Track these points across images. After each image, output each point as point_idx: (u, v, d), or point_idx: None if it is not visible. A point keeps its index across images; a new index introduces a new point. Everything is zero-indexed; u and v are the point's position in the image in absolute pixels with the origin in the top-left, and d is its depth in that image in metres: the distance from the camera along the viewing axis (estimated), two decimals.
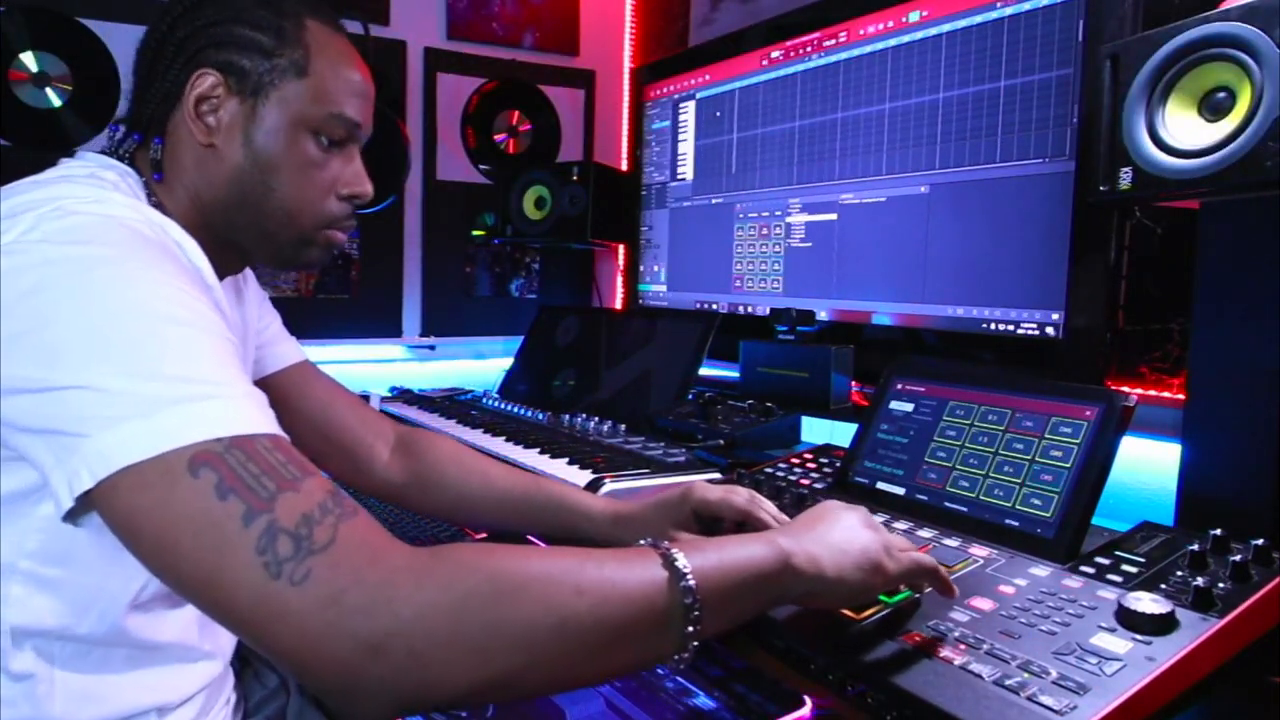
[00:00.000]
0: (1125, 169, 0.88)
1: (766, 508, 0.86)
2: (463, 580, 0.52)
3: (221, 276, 0.84)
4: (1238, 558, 0.71)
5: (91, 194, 0.66)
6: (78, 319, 0.56)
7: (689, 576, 0.57)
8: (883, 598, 0.71)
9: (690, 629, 0.57)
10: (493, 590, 0.52)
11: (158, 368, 0.55)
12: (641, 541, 0.61)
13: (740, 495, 0.87)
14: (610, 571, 0.56)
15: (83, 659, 0.68)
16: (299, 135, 0.79)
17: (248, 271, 0.98)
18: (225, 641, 0.82)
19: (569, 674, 0.55)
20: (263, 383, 1.01)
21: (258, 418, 0.57)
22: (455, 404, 1.79)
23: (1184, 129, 0.85)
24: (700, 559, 0.59)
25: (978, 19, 1.34)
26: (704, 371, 1.60)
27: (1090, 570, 0.76)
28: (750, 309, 1.79)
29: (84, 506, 0.55)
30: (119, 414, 0.53)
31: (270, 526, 0.50)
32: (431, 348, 2.35)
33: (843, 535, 0.68)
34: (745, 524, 0.86)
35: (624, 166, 2.27)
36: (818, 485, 1.06)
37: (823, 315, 1.58)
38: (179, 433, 0.53)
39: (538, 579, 0.53)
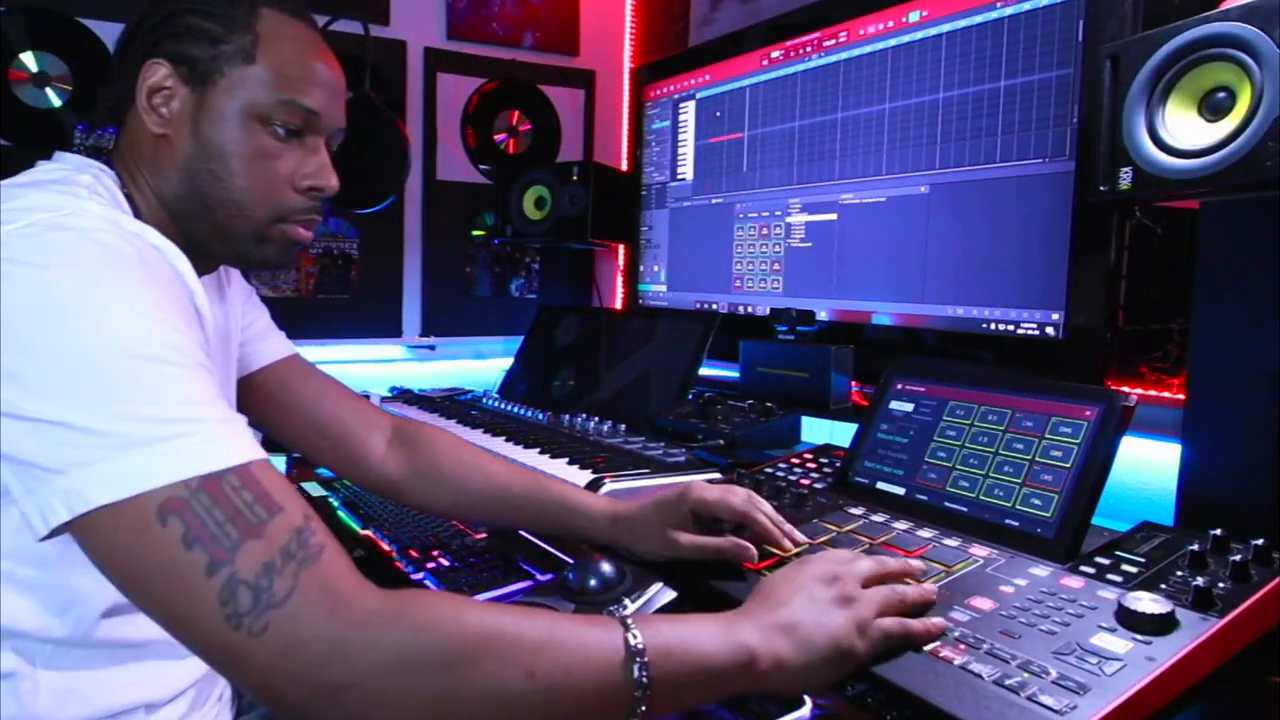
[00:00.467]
0: (1125, 169, 0.88)
1: (764, 508, 0.86)
2: (417, 645, 0.54)
3: (201, 273, 0.83)
4: (1238, 558, 0.71)
5: (66, 205, 0.64)
6: (52, 352, 0.56)
7: (646, 670, 0.58)
8: None
9: (634, 718, 0.58)
10: (445, 661, 0.54)
11: (131, 408, 0.55)
12: (611, 609, 0.63)
13: (738, 495, 0.86)
14: (567, 655, 0.57)
15: (64, 657, 0.68)
16: (249, 124, 0.77)
17: (232, 270, 0.97)
18: None
19: None
20: (250, 379, 1.00)
21: (227, 450, 0.57)
22: (455, 404, 1.79)
23: (1184, 129, 0.85)
24: (663, 647, 0.59)
25: (978, 19, 1.34)
26: (704, 371, 1.60)
27: (1090, 570, 0.75)
28: (750, 309, 1.79)
29: (57, 530, 0.56)
30: (94, 454, 0.54)
31: (231, 579, 0.53)
32: (431, 348, 2.35)
33: (814, 624, 0.65)
34: (743, 525, 0.86)
35: (624, 166, 2.27)
36: (818, 485, 1.06)
37: (823, 315, 1.58)
38: (150, 475, 0.54)
39: (492, 655, 0.55)
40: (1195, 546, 0.74)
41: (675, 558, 0.87)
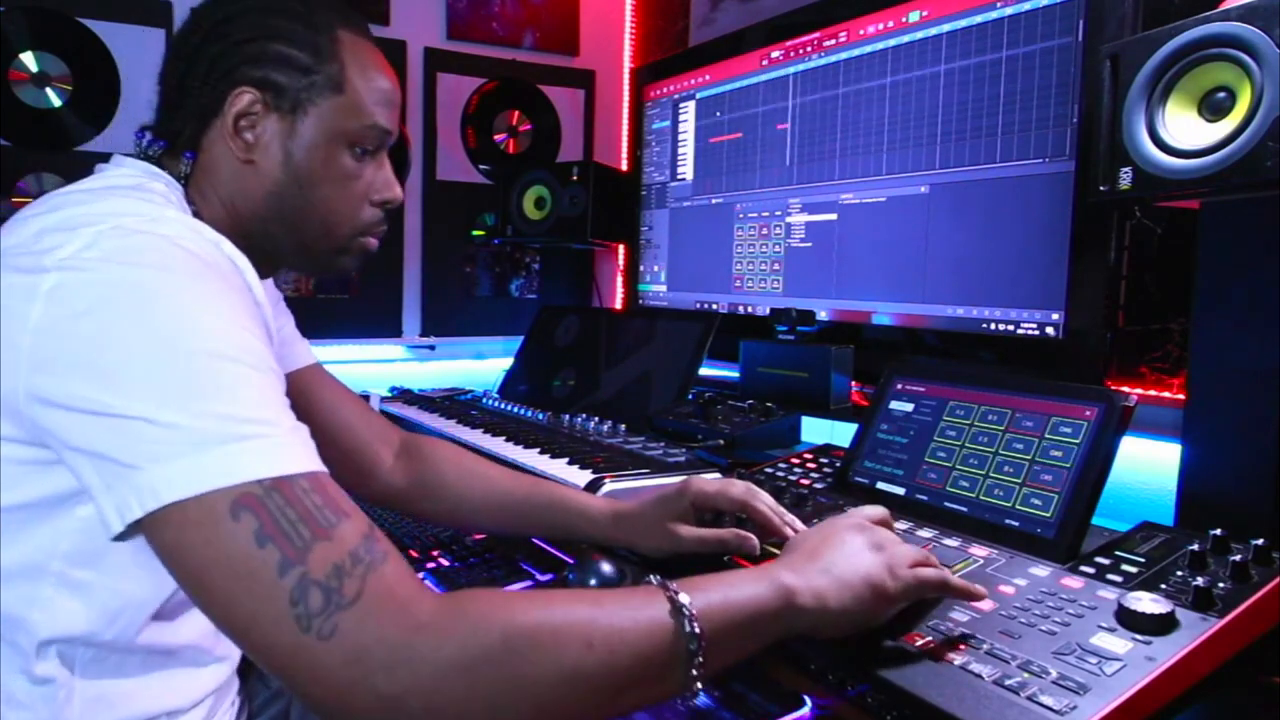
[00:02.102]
0: (1125, 169, 0.88)
1: (764, 499, 0.87)
2: (478, 640, 0.54)
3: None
4: (1238, 558, 0.71)
5: (147, 211, 0.65)
6: (137, 348, 0.57)
7: (695, 621, 0.59)
8: None
9: (695, 671, 0.59)
10: (505, 649, 0.54)
11: (210, 406, 0.56)
12: (650, 579, 0.63)
13: (737, 487, 0.88)
14: (619, 620, 0.58)
15: (100, 664, 0.68)
16: (336, 149, 0.80)
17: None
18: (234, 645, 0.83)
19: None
20: None
21: (300, 456, 0.58)
22: (455, 404, 1.79)
23: (1184, 129, 0.85)
24: (704, 600, 0.61)
25: (978, 19, 1.34)
26: (704, 371, 1.60)
27: (1090, 570, 0.75)
28: (750, 309, 1.79)
29: (130, 530, 0.56)
30: (171, 450, 0.54)
31: (303, 579, 0.53)
32: (431, 348, 2.35)
33: (847, 563, 0.68)
34: (744, 515, 0.87)
35: (624, 166, 2.27)
36: (818, 485, 1.06)
37: (823, 315, 1.58)
38: (226, 473, 0.54)
39: (549, 635, 0.56)
40: (1195, 546, 0.74)
41: (678, 552, 0.88)
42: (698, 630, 0.59)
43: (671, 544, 0.88)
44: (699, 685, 0.60)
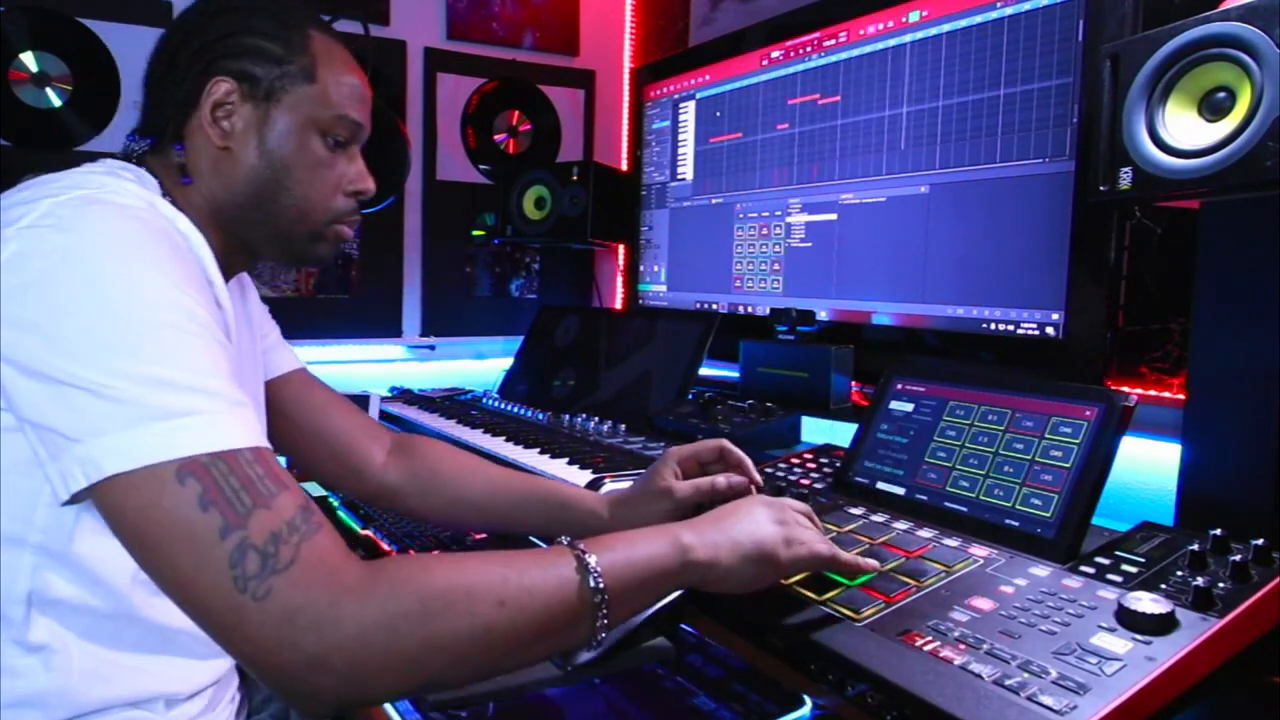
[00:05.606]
0: (1125, 169, 0.88)
1: (739, 452, 0.96)
2: (396, 600, 0.58)
3: (229, 275, 0.87)
4: (1238, 558, 0.71)
5: (109, 183, 0.69)
6: (83, 316, 0.59)
7: (599, 578, 0.64)
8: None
9: (599, 623, 0.64)
10: (422, 609, 0.58)
11: (153, 371, 0.59)
12: (561, 540, 0.67)
13: (711, 440, 0.98)
14: (528, 580, 0.62)
15: (100, 630, 0.70)
16: (309, 137, 0.83)
17: (249, 281, 1.00)
18: None
19: (490, 672, 0.63)
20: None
21: (243, 430, 0.61)
22: (455, 404, 1.79)
23: (1184, 129, 0.85)
24: (609, 558, 0.66)
25: (978, 19, 1.34)
26: (704, 371, 1.60)
27: (1090, 570, 0.76)
28: (750, 309, 1.79)
29: (79, 496, 0.59)
30: (114, 422, 0.57)
31: (242, 543, 0.56)
32: (431, 348, 2.35)
33: (744, 529, 0.74)
34: (724, 461, 0.97)
35: (624, 166, 2.27)
36: (818, 485, 1.06)
37: (823, 315, 1.58)
38: (170, 446, 0.57)
39: (463, 595, 0.60)
40: (1195, 546, 0.74)
41: (677, 509, 0.93)
42: (601, 585, 0.64)
43: (669, 502, 0.93)
44: (602, 635, 0.65)
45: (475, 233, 2.41)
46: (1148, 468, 1.15)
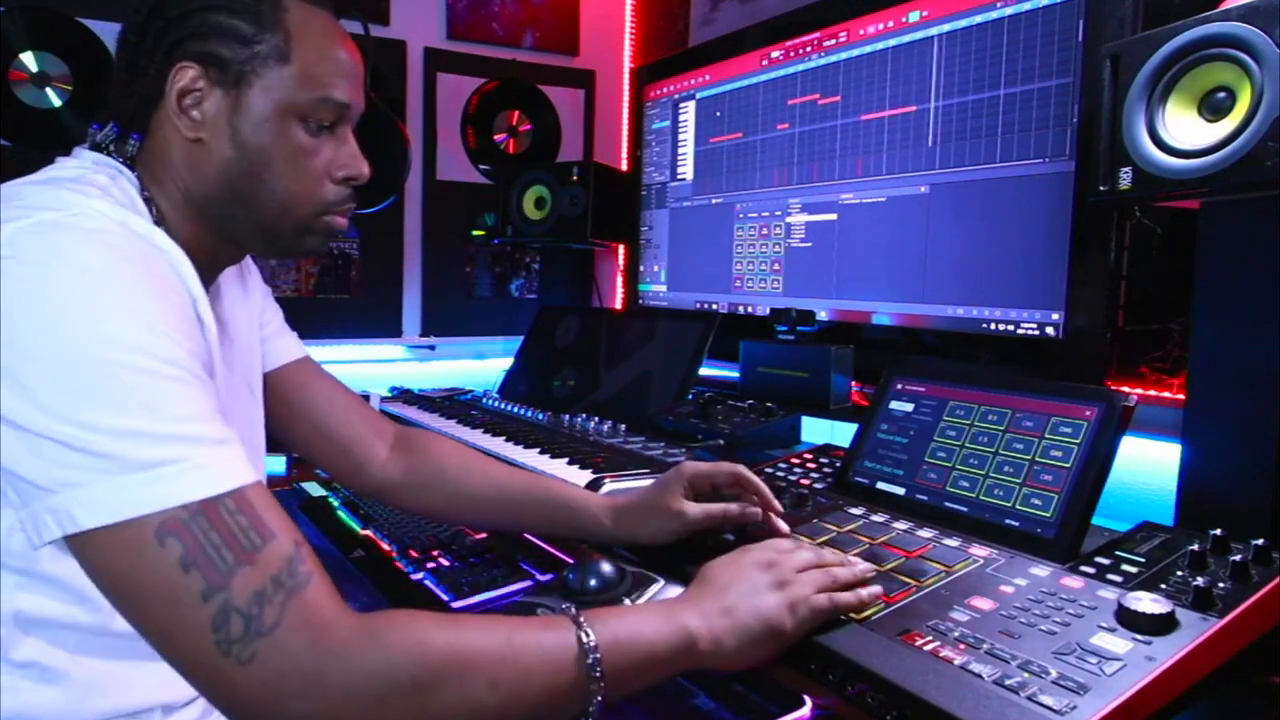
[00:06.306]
0: (1125, 169, 0.88)
1: (756, 480, 0.91)
2: (387, 672, 0.57)
3: (220, 269, 0.84)
4: (1238, 558, 0.71)
5: (75, 203, 0.64)
6: (51, 361, 0.56)
7: (599, 663, 0.63)
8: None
9: (591, 705, 0.63)
10: (413, 683, 0.57)
11: (125, 422, 0.56)
12: (564, 606, 0.67)
13: (728, 464, 0.92)
14: (525, 660, 0.61)
15: (92, 645, 0.68)
16: (287, 123, 0.75)
17: (251, 265, 0.97)
18: None
19: None
20: (263, 379, 1.01)
21: (225, 472, 0.58)
22: (455, 404, 1.79)
23: (1184, 129, 0.85)
24: (612, 638, 0.65)
25: (978, 19, 1.34)
26: (704, 371, 1.60)
27: (1090, 570, 0.76)
28: (750, 309, 1.79)
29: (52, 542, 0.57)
30: (88, 474, 0.55)
31: (225, 605, 0.55)
32: (431, 348, 2.35)
33: (747, 605, 0.71)
34: (737, 491, 0.91)
35: (624, 166, 2.27)
36: (818, 485, 1.06)
37: (823, 315, 1.58)
38: (149, 501, 0.55)
39: (455, 673, 0.59)
40: (1195, 546, 0.74)
41: (682, 530, 0.90)
42: (600, 673, 0.63)
43: (677, 523, 0.89)
44: (593, 711, 0.63)
45: (475, 233, 2.41)
46: (1148, 468, 1.15)
